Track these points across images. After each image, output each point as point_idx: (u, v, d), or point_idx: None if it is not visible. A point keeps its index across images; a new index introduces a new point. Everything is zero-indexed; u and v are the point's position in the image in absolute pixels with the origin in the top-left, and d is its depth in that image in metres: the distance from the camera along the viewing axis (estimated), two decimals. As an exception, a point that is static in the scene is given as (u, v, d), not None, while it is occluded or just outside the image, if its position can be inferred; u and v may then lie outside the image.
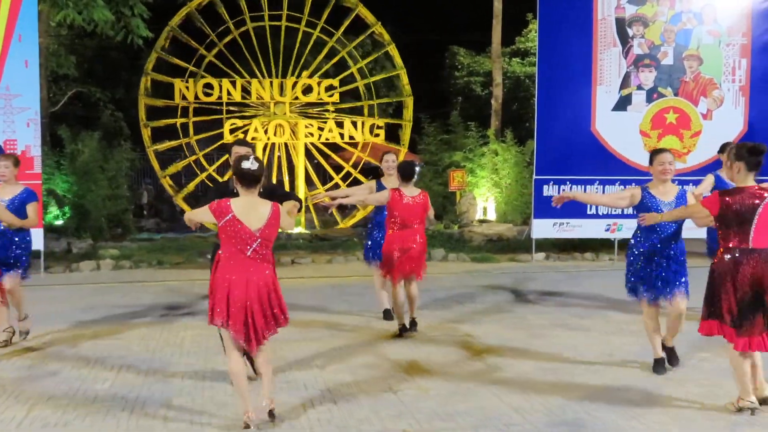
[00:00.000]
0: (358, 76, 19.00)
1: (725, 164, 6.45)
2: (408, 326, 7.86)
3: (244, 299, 4.91)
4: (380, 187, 8.54)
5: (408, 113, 18.81)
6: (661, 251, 6.14)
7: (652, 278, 6.17)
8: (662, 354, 6.38)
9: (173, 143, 18.37)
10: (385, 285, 8.43)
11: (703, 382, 6.07)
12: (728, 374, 6.24)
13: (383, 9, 19.00)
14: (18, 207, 7.39)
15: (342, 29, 18.72)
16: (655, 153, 6.35)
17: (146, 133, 17.55)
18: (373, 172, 9.58)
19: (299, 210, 5.88)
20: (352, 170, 18.96)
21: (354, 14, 18.30)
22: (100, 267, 13.27)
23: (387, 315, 8.55)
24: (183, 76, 17.84)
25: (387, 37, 18.48)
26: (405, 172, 7.77)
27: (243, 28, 18.23)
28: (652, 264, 6.17)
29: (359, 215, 18.73)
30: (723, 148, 8.20)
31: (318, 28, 18.48)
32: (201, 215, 5.22)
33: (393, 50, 18.58)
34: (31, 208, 7.51)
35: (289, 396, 5.70)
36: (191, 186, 18.35)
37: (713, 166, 12.48)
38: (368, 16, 18.32)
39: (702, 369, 6.45)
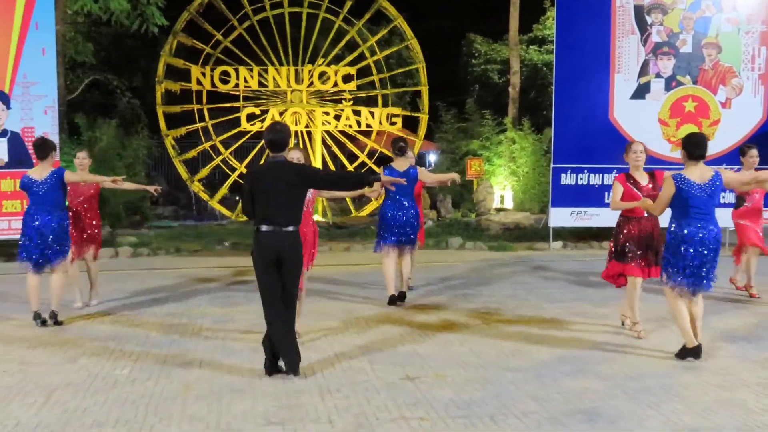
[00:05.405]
0: (374, 69, 18.97)
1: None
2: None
3: None
4: (390, 171, 8.74)
5: (424, 106, 18.78)
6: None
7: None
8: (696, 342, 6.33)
9: (191, 127, 18.39)
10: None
11: (719, 371, 6.05)
12: (745, 363, 6.24)
13: (401, -4, 18.96)
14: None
15: (363, 20, 18.72)
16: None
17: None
18: (388, 160, 9.89)
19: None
20: (366, 160, 18.97)
21: (376, 6, 18.31)
22: (118, 254, 13.38)
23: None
24: (199, 63, 17.88)
25: (409, 32, 18.45)
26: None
27: (263, 14, 18.21)
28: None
29: (374, 204, 18.76)
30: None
31: (340, 17, 18.47)
32: None
33: (414, 44, 18.55)
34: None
35: (307, 384, 5.73)
36: (205, 171, 18.42)
37: (733, 154, 12.40)
38: (390, 9, 18.31)
39: (718, 357, 6.43)
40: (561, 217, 13.93)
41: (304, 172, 6.00)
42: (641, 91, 13.85)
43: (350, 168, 18.94)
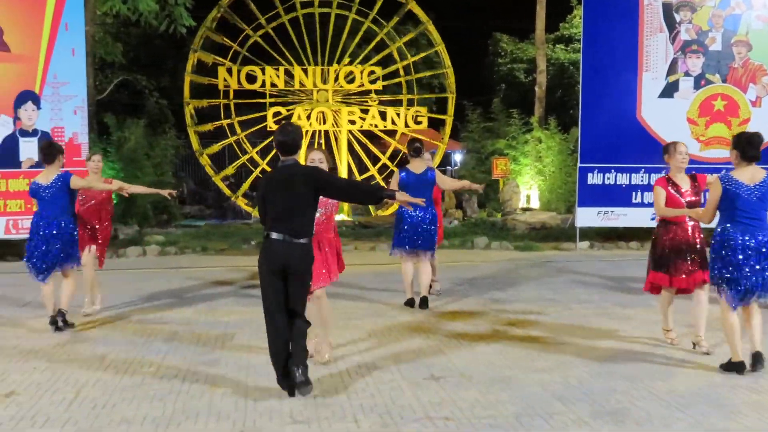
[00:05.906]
0: (402, 72, 18.94)
1: None
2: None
3: None
4: (407, 173, 8.69)
5: (450, 109, 18.75)
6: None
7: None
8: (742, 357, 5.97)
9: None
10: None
11: (749, 373, 5.95)
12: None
13: (428, -4, 18.98)
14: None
15: (393, 23, 18.71)
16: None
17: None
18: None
19: None
20: (388, 162, 18.97)
21: (405, 9, 18.31)
22: (146, 253, 13.52)
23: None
24: (227, 59, 17.97)
25: (438, 38, 18.44)
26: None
27: (293, 14, 18.26)
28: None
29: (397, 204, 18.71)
30: None
31: (369, 18, 18.47)
32: None
33: (442, 50, 18.51)
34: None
35: (333, 383, 5.74)
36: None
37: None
38: (420, 14, 18.30)
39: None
40: (588, 217, 13.83)
41: (316, 176, 5.42)
42: (669, 90, 13.71)
43: (375, 168, 18.95)
